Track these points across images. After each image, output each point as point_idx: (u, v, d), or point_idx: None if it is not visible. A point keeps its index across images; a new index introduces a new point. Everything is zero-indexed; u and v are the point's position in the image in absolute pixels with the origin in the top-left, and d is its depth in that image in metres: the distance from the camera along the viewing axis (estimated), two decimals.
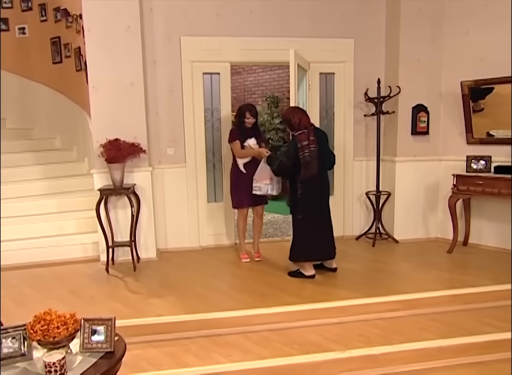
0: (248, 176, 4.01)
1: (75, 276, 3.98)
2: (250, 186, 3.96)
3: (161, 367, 2.65)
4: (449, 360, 2.81)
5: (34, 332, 1.80)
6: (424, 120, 4.66)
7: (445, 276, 3.84)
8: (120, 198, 4.16)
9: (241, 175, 4.09)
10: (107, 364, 1.85)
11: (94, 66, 4.06)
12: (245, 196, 4.08)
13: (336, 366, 2.72)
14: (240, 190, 4.12)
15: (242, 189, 4.08)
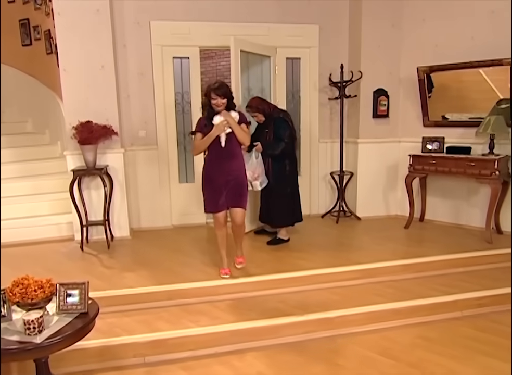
0: (223, 168, 3.30)
1: (50, 255, 4.11)
2: (225, 182, 3.31)
3: (134, 333, 2.86)
4: (399, 320, 3.12)
5: (13, 294, 1.98)
6: (384, 103, 4.93)
7: (400, 249, 4.15)
8: (94, 178, 4.30)
9: (213, 168, 3.34)
10: (82, 323, 2.05)
11: (65, 50, 4.14)
12: (218, 195, 3.33)
13: (295, 329, 2.99)
14: (210, 188, 3.36)
15: (214, 187, 3.33)
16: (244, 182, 3.42)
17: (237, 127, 3.26)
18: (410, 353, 2.76)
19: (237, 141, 3.30)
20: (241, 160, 3.42)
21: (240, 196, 3.38)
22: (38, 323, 1.91)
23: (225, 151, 3.28)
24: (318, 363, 2.69)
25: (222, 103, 3.23)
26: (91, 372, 2.63)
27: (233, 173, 3.33)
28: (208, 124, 3.25)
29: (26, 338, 1.90)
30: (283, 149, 4.02)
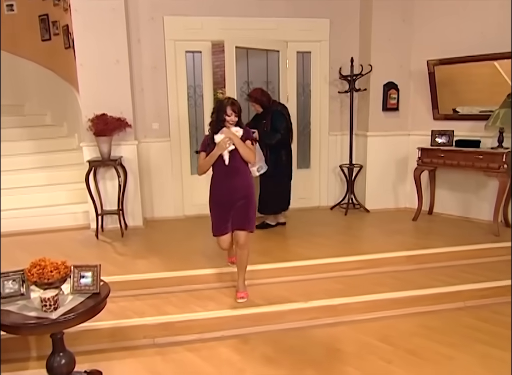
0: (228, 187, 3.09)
1: (67, 242, 4.29)
2: (231, 202, 3.09)
3: (144, 316, 3.01)
4: (401, 310, 3.20)
5: (31, 274, 2.13)
6: (394, 96, 4.96)
7: (406, 240, 4.20)
8: (108, 169, 4.46)
9: (219, 188, 3.14)
10: (94, 302, 2.19)
11: (82, 45, 4.28)
12: (225, 217, 3.13)
13: (299, 315, 3.10)
14: (217, 210, 3.16)
15: (221, 208, 3.13)
16: (252, 202, 3.16)
17: (241, 144, 3.02)
18: (410, 340, 2.84)
19: (242, 158, 3.06)
20: (248, 178, 3.16)
21: (247, 217, 3.13)
22: (54, 300, 2.06)
23: (230, 169, 3.05)
24: (319, 347, 2.80)
25: (235, 121, 3.03)
26: (103, 351, 2.78)
27: (240, 191, 3.08)
28: (211, 142, 3.04)
29: (43, 314, 2.05)
30: (278, 140, 4.24)
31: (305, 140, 5.30)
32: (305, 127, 5.27)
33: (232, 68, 4.60)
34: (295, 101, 5.10)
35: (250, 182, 3.18)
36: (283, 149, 4.36)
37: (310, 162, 5.31)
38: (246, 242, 3.16)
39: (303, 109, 5.20)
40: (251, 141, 3.12)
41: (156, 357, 2.74)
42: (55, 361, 2.26)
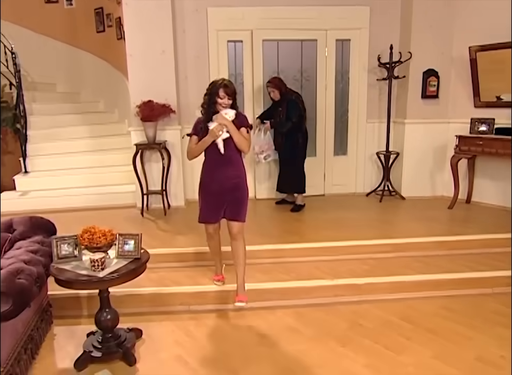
0: (220, 175, 2.93)
1: (115, 218, 4.67)
2: (221, 191, 2.94)
3: (181, 285, 3.30)
4: (425, 292, 3.29)
5: (83, 239, 2.44)
6: (434, 84, 4.92)
7: (438, 227, 4.23)
8: (153, 152, 4.79)
9: (209, 176, 2.99)
10: (135, 265, 2.48)
11: (131, 36, 4.60)
12: (213, 206, 2.99)
13: (325, 292, 3.27)
14: (206, 198, 3.03)
15: (210, 196, 2.99)
16: (244, 192, 3.00)
17: (235, 132, 2.83)
18: (430, 320, 2.95)
19: (235, 147, 2.88)
20: (241, 167, 2.98)
21: (239, 208, 2.98)
22: (101, 262, 2.36)
23: (222, 157, 2.88)
24: (342, 321, 2.97)
25: (228, 104, 2.86)
26: (144, 313, 3.10)
27: (231, 181, 2.92)
28: (204, 127, 2.87)
29: (92, 273, 2.36)
30: (290, 128, 4.54)
31: (342, 128, 5.38)
32: (342, 114, 5.35)
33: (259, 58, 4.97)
34: (333, 89, 5.19)
35: (242, 172, 3.00)
36: (299, 133, 4.63)
37: (347, 149, 5.39)
38: (240, 232, 3.00)
39: (341, 96, 5.27)
40: (246, 128, 2.91)
41: (190, 321, 3.02)
42: (102, 316, 2.58)
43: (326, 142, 5.31)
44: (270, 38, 4.96)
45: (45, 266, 2.51)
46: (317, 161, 5.29)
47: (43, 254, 2.59)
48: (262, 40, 4.96)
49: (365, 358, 2.56)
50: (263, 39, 4.95)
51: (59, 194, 5.14)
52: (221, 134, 2.83)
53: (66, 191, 5.21)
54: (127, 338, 2.68)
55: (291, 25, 4.91)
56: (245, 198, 3.03)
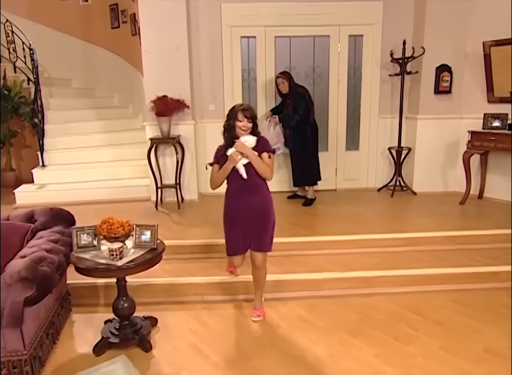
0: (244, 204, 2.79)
1: (131, 211, 4.76)
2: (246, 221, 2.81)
3: (195, 275, 3.38)
4: (435, 286, 3.33)
5: (102, 229, 2.53)
6: (447, 79, 4.92)
7: (448, 222, 4.24)
8: (168, 146, 4.88)
9: (234, 205, 2.86)
10: (151, 255, 2.57)
11: (147, 32, 4.67)
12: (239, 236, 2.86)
13: (335, 284, 3.33)
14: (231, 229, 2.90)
15: (235, 227, 2.86)
16: (270, 221, 2.85)
17: (254, 158, 2.69)
18: (439, 313, 2.99)
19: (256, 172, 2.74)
20: (267, 194, 2.84)
21: (264, 237, 2.84)
22: (119, 251, 2.45)
23: (246, 184, 2.74)
24: (353, 313, 3.02)
25: (249, 128, 2.71)
26: (159, 303, 3.19)
27: (256, 210, 2.79)
28: (224, 154, 2.75)
29: (111, 261, 2.45)
30: (297, 121, 4.61)
31: (354, 123, 5.40)
32: (355, 110, 5.37)
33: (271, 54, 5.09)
34: (345, 85, 5.21)
35: (268, 199, 2.85)
36: (307, 125, 4.68)
37: (359, 144, 5.42)
38: (263, 263, 2.90)
39: (353, 92, 5.30)
40: (268, 154, 2.75)
41: (203, 311, 3.11)
42: (120, 304, 2.68)
43: (338, 138, 5.35)
44: (283, 35, 5.01)
45: (65, 255, 2.61)
46: (329, 156, 5.33)
47: (64, 244, 2.69)
48: (275, 36, 5.01)
49: (375, 348, 2.62)
50: (276, 35, 5.00)
51: (75, 187, 5.26)
52: (241, 159, 2.69)
53: (82, 185, 5.32)
54: (143, 325, 2.78)
55: (304, 21, 4.95)
56: (272, 227, 2.87)
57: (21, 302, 2.25)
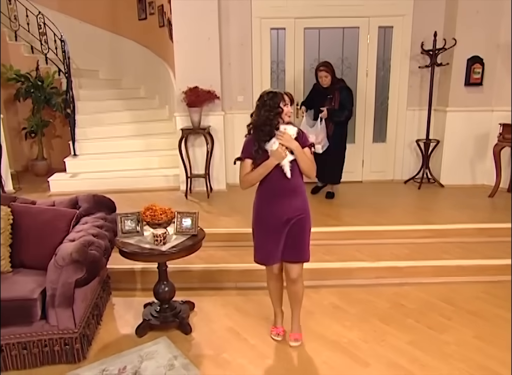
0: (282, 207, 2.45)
1: (161, 199, 4.83)
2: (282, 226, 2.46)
3: (228, 263, 3.48)
4: (466, 277, 3.37)
5: (145, 216, 2.63)
6: (478, 71, 4.87)
7: (477, 214, 4.23)
8: (197, 137, 4.96)
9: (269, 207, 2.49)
10: (192, 242, 2.66)
11: (178, 24, 4.73)
12: (272, 243, 2.50)
13: (366, 273, 3.39)
14: (263, 233, 2.54)
15: (269, 232, 2.49)
16: (308, 226, 2.54)
17: (301, 153, 2.38)
18: (471, 303, 3.03)
19: (299, 171, 2.44)
20: (305, 197, 2.53)
21: (302, 246, 2.52)
22: (163, 237, 2.55)
23: (285, 184, 2.41)
24: (384, 301, 3.08)
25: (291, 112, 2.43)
26: (195, 288, 3.30)
27: (295, 215, 2.45)
28: (259, 148, 2.36)
29: (155, 246, 2.55)
30: (346, 116, 4.44)
31: (382, 115, 5.39)
32: (383, 101, 5.36)
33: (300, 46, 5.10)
34: (374, 76, 5.20)
35: (307, 201, 2.54)
36: (347, 124, 4.60)
37: (386, 136, 5.42)
38: (300, 275, 2.56)
39: (382, 83, 5.28)
40: (310, 148, 2.47)
41: (238, 297, 3.21)
42: (161, 288, 2.79)
43: (365, 129, 5.35)
44: (313, 26, 5.02)
45: (109, 240, 2.72)
46: (355, 147, 5.34)
47: (107, 229, 2.81)
48: (304, 28, 5.03)
49: (408, 336, 2.68)
50: (305, 27, 5.02)
51: (106, 176, 5.38)
52: (287, 155, 2.35)
53: (112, 174, 5.45)
54: (182, 309, 2.89)
55: (334, 12, 4.94)
56: (309, 232, 2.57)
57: (72, 283, 2.38)
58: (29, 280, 2.52)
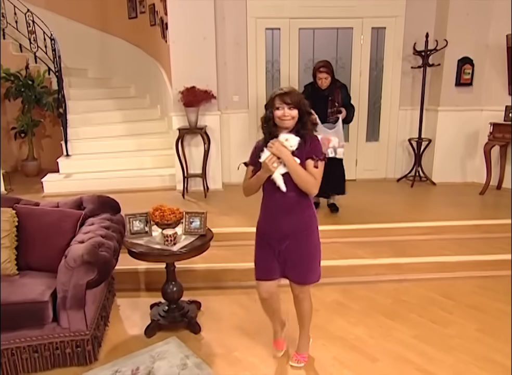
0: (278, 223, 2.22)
1: (158, 200, 4.73)
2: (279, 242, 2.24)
3: (231, 262, 3.50)
4: (462, 272, 3.46)
5: (154, 216, 2.64)
6: (468, 72, 5.00)
7: (471, 211, 4.37)
8: (194, 137, 4.96)
9: (267, 222, 2.30)
10: (201, 242, 2.68)
11: (174, 24, 4.73)
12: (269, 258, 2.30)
13: (367, 270, 3.46)
14: (261, 248, 2.35)
15: (266, 247, 2.30)
16: (311, 245, 2.27)
17: (293, 166, 2.08)
18: (470, 297, 3.13)
19: None
20: (307, 213, 2.24)
21: (304, 266, 2.27)
22: (174, 237, 2.56)
23: (283, 199, 2.16)
24: (386, 297, 3.16)
25: (292, 118, 2.09)
26: (199, 288, 3.31)
27: (293, 231, 2.21)
28: (258, 156, 2.16)
29: (165, 247, 2.56)
30: (353, 116, 4.15)
31: (375, 114, 5.49)
32: (376, 101, 5.45)
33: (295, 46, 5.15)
34: (367, 76, 5.29)
35: (308, 220, 2.25)
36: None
37: (379, 135, 5.51)
38: (304, 294, 2.36)
39: (374, 83, 5.38)
40: (315, 161, 2.11)
41: (242, 296, 3.23)
42: (169, 288, 2.80)
43: (359, 128, 5.44)
44: (307, 27, 5.07)
45: (117, 241, 2.72)
46: (349, 146, 5.38)
47: (114, 230, 2.79)
48: (299, 28, 5.08)
49: (412, 330, 2.75)
50: (300, 27, 5.08)
51: (101, 176, 5.34)
52: (277, 167, 2.10)
53: (107, 174, 5.41)
54: (190, 309, 2.90)
55: (328, 13, 5.01)
56: (314, 254, 2.30)
57: (83, 285, 2.37)
58: (37, 282, 2.50)
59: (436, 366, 2.43)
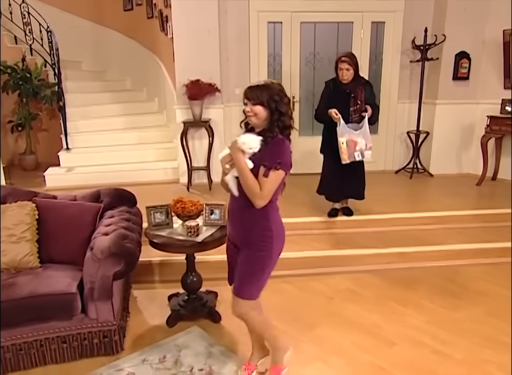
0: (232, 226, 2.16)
1: (163, 192, 4.85)
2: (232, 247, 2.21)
3: None
4: (468, 260, 3.60)
5: (176, 208, 2.69)
6: (465, 66, 5.13)
7: (470, 201, 4.53)
8: (198, 130, 4.99)
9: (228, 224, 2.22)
10: (221, 233, 2.72)
11: (178, 17, 4.73)
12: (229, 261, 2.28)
13: (376, 259, 3.57)
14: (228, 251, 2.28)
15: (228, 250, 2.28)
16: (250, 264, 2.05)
17: (241, 169, 1.91)
18: (478, 284, 3.26)
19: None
20: (262, 227, 2.00)
21: (239, 278, 2.09)
22: (197, 228, 2.61)
23: (238, 202, 2.02)
24: (396, 285, 3.27)
25: (255, 114, 1.94)
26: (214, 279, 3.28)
27: (240, 241, 2.08)
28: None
29: (188, 238, 2.61)
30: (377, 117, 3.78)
31: None
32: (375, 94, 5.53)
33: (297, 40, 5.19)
34: (367, 70, 5.35)
35: (262, 232, 2.00)
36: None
37: (378, 128, 5.61)
38: (238, 309, 2.16)
39: (374, 77, 5.44)
40: (267, 169, 1.89)
41: None
42: (189, 279, 2.85)
43: None
44: (309, 21, 5.12)
45: (139, 233, 2.76)
46: None
47: (134, 222, 2.84)
48: (300, 22, 5.12)
49: (425, 316, 2.87)
50: (301, 21, 5.12)
51: (103, 170, 5.33)
52: (229, 168, 1.97)
53: (109, 167, 5.40)
54: (209, 299, 2.97)
55: (329, 7, 5.06)
56: (253, 268, 2.04)
57: (110, 276, 2.41)
58: (62, 274, 2.53)
59: (451, 348, 2.55)
